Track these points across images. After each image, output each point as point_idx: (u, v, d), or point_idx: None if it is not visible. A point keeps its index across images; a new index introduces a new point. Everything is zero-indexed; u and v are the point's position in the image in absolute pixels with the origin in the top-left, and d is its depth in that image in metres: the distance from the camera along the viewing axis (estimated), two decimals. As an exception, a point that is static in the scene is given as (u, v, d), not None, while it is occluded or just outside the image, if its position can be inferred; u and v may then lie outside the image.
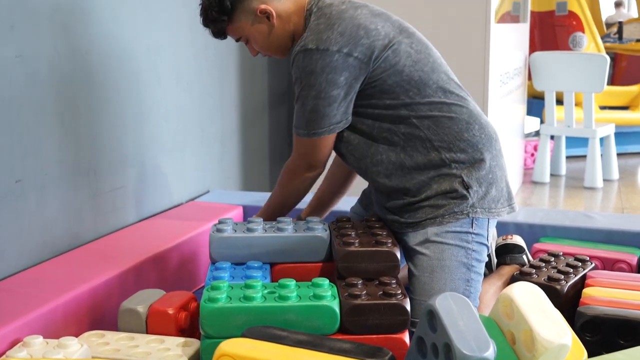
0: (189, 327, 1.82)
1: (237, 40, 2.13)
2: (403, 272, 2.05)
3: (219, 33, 2.10)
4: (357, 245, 1.83)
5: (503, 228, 2.48)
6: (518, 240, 2.34)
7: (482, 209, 1.96)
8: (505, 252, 2.30)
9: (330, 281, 1.73)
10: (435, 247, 1.94)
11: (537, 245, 2.42)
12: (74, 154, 2.28)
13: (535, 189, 4.83)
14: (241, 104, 3.44)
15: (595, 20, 6.62)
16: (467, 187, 1.95)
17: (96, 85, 2.38)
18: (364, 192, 2.29)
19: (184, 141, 2.95)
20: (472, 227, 1.96)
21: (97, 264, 2.12)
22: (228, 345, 1.45)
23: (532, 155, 5.41)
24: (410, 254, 1.99)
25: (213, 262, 1.96)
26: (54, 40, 2.17)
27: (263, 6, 2.01)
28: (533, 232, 2.52)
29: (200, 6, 2.07)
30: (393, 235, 1.94)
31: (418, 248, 1.96)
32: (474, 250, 1.96)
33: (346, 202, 2.40)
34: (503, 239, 2.35)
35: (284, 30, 2.05)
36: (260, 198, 2.96)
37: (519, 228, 2.52)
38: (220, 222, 2.06)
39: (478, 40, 3.40)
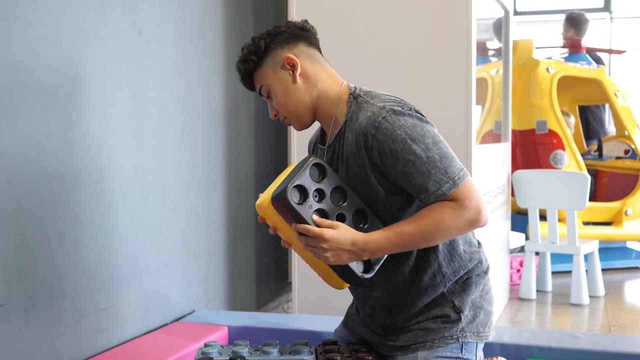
0: None
1: (259, 92, 2.02)
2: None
3: (247, 74, 2.01)
4: (341, 370, 1.82)
5: (489, 349, 2.47)
6: (504, 362, 2.34)
7: (471, 332, 1.96)
8: (491, 375, 2.28)
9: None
10: None
11: (524, 367, 2.41)
12: (58, 277, 2.28)
13: (522, 306, 4.81)
14: (228, 221, 3.46)
15: (575, 137, 6.76)
16: (458, 312, 1.94)
17: (82, 207, 2.40)
18: (348, 315, 2.21)
19: (169, 261, 2.95)
20: (461, 352, 1.95)
21: (79, 390, 2.09)
22: None
23: (518, 271, 5.41)
24: None
25: None
26: (42, 165, 2.21)
27: (291, 55, 1.96)
28: (519, 353, 2.51)
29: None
30: (381, 358, 1.92)
31: None
32: (462, 377, 1.96)
33: (332, 323, 2.37)
34: (489, 361, 2.34)
35: (306, 93, 1.97)
36: (246, 318, 2.95)
37: (504, 349, 2.51)
38: (206, 346, 2.05)
39: (460, 161, 3.44)
